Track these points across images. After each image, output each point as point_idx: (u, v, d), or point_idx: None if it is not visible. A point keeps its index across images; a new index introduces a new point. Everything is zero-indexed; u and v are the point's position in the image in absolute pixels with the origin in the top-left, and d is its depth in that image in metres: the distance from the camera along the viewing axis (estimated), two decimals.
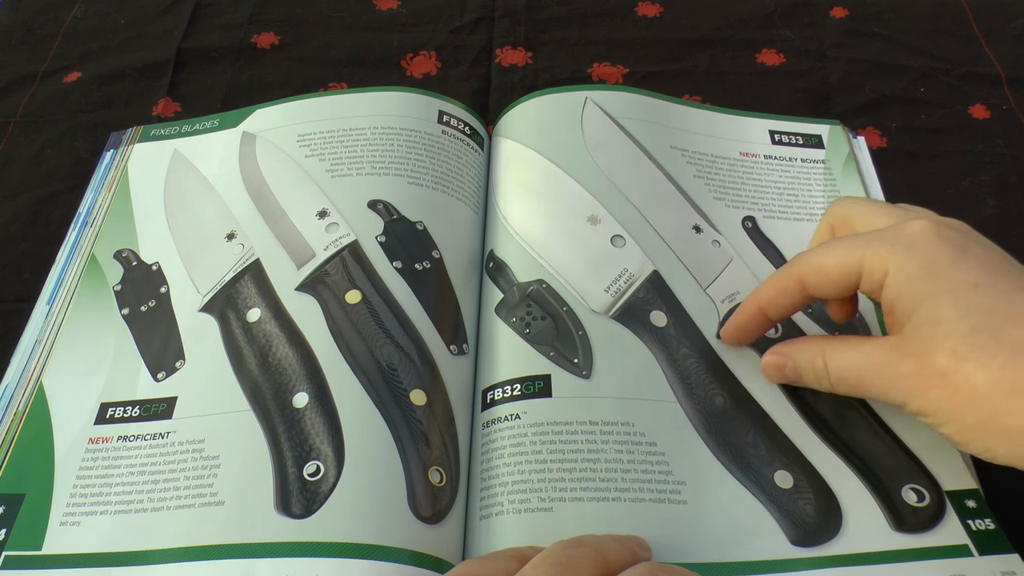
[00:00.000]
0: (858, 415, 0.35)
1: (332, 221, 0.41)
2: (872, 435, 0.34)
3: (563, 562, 0.26)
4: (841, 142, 0.46)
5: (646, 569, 0.26)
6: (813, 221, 0.42)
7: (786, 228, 0.42)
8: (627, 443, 0.33)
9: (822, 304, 0.38)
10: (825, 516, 0.32)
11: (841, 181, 0.44)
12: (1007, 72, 0.50)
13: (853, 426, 0.35)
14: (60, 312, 0.40)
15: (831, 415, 0.35)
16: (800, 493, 0.33)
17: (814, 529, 0.32)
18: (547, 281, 0.38)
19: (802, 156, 0.45)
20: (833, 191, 0.44)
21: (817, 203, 0.43)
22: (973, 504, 0.32)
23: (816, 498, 0.33)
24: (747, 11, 0.55)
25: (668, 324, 0.37)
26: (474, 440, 0.35)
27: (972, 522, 0.32)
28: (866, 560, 0.31)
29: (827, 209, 0.35)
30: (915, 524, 0.32)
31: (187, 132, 0.47)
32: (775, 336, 0.37)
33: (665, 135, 0.45)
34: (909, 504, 0.32)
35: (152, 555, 0.31)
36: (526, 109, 0.46)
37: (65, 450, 0.35)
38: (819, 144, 0.46)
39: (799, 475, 0.33)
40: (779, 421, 0.35)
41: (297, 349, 0.36)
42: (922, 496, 0.32)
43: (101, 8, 0.57)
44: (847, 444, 0.34)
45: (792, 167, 0.45)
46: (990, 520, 0.32)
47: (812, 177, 0.44)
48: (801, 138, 0.46)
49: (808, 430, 0.35)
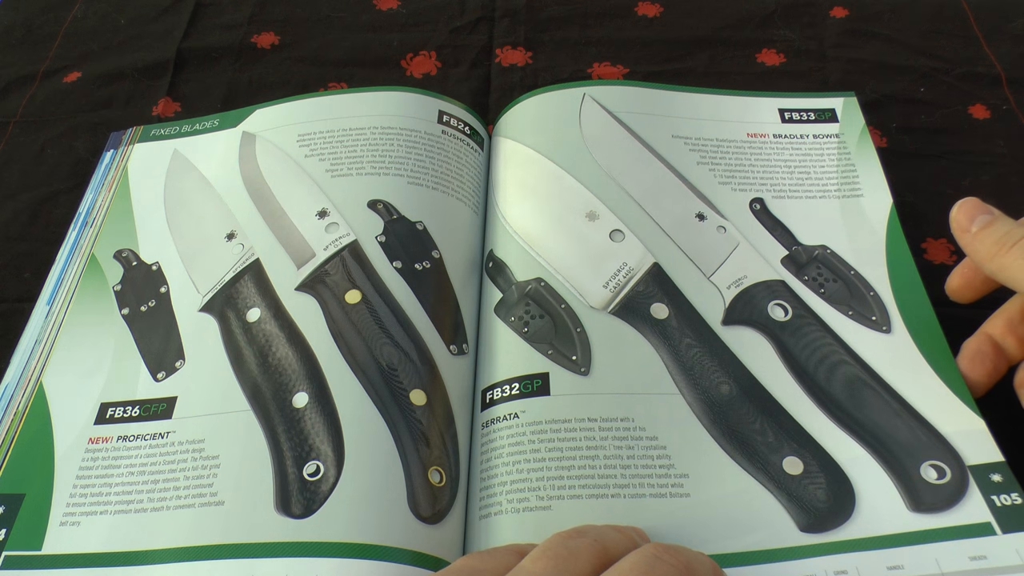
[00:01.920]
0: (873, 393, 0.34)
1: (332, 221, 0.41)
2: (889, 412, 0.34)
3: (562, 553, 0.26)
4: (856, 114, 0.45)
5: (647, 551, 0.26)
6: (826, 198, 0.42)
7: (797, 207, 0.42)
8: (627, 438, 0.33)
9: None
10: (837, 500, 0.31)
11: (856, 154, 0.43)
12: (1007, 72, 0.50)
13: (868, 404, 0.34)
14: (60, 312, 0.40)
15: (844, 395, 0.34)
16: (811, 478, 0.32)
17: (825, 514, 0.31)
18: (546, 279, 0.38)
19: (814, 132, 0.45)
20: (848, 165, 0.43)
21: (831, 179, 0.42)
22: (999, 478, 0.31)
23: (828, 482, 0.32)
24: (747, 11, 0.54)
25: (670, 316, 0.37)
26: (474, 440, 0.35)
27: (997, 498, 0.30)
28: (878, 544, 0.30)
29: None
30: (934, 503, 0.31)
31: (187, 132, 0.47)
32: (784, 319, 0.37)
33: (666, 125, 0.45)
34: (928, 482, 0.31)
35: (152, 555, 0.31)
36: (525, 108, 0.46)
37: (65, 450, 0.35)
38: (832, 118, 0.45)
39: (810, 460, 0.33)
40: (788, 406, 0.34)
41: (297, 349, 0.36)
42: (943, 473, 0.31)
43: (101, 8, 0.57)
44: (862, 424, 0.33)
45: (803, 144, 0.44)
46: (1016, 495, 0.30)
47: (825, 152, 0.44)
48: (813, 113, 0.46)
49: (819, 413, 0.34)
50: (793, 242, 0.40)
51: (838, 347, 0.36)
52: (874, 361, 0.36)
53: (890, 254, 0.39)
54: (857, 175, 0.43)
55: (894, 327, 0.37)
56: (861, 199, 0.42)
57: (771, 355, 0.36)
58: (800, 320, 0.37)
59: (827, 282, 0.39)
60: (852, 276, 0.39)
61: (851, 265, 0.39)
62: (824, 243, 0.40)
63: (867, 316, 0.37)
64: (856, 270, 0.39)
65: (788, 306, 0.38)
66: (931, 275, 0.41)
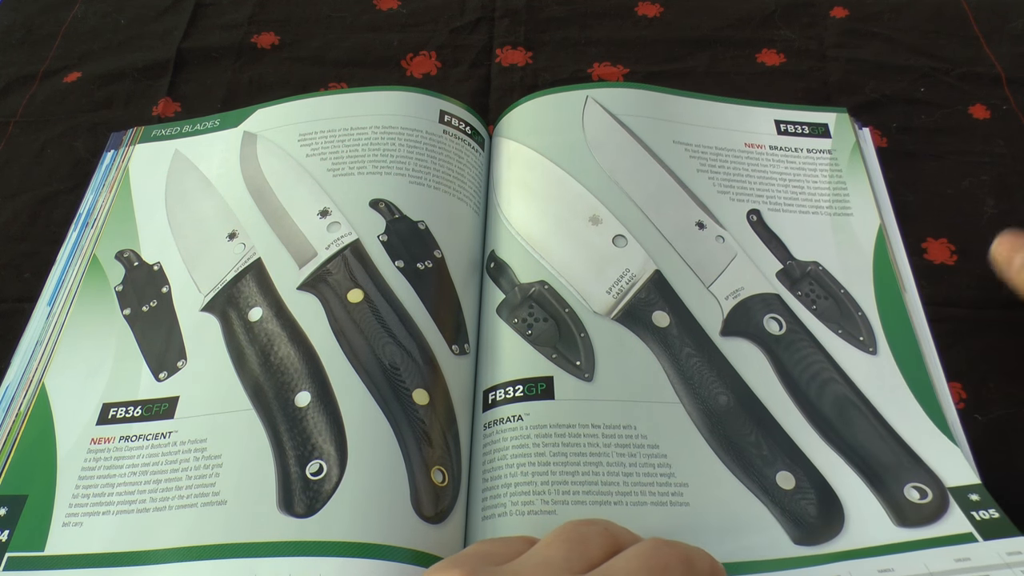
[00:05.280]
0: (860, 414, 0.35)
1: (334, 220, 0.41)
2: (873, 434, 0.34)
3: (575, 538, 0.26)
4: (847, 131, 0.46)
5: (651, 541, 0.27)
6: (818, 214, 0.42)
7: (791, 221, 0.42)
8: (629, 446, 0.33)
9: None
10: (827, 516, 0.32)
11: (847, 172, 0.44)
12: (1007, 72, 0.50)
13: (855, 425, 0.35)
14: (61, 313, 0.40)
15: (833, 414, 0.35)
16: (802, 494, 0.33)
17: (817, 529, 0.32)
18: (549, 282, 0.38)
19: (808, 146, 0.45)
20: (839, 183, 0.43)
21: (823, 195, 0.43)
22: (976, 497, 0.32)
23: (818, 498, 0.33)
24: (747, 11, 0.55)
25: (671, 324, 0.37)
26: (475, 440, 0.35)
27: (976, 513, 0.31)
28: (869, 553, 0.31)
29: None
30: (918, 520, 0.32)
31: (188, 132, 0.47)
32: (779, 333, 0.37)
33: (668, 130, 0.45)
34: (912, 501, 0.32)
35: (154, 555, 0.31)
36: (527, 109, 0.46)
37: (67, 451, 0.35)
38: (825, 133, 0.46)
39: (801, 476, 0.33)
40: (781, 420, 0.35)
41: (299, 348, 0.36)
42: (924, 494, 0.32)
43: (101, 8, 0.57)
44: (849, 443, 0.34)
45: (798, 158, 0.45)
46: (994, 510, 0.31)
47: (818, 168, 0.44)
48: (807, 127, 0.46)
49: (810, 429, 0.35)
50: (787, 256, 0.40)
51: (828, 365, 0.37)
52: (861, 381, 0.36)
53: (877, 275, 0.40)
54: (848, 193, 0.43)
55: (880, 349, 0.37)
56: (851, 218, 0.42)
57: (766, 368, 0.37)
58: (793, 335, 0.37)
59: (819, 299, 0.39)
60: (842, 295, 0.39)
61: (841, 283, 0.39)
62: (816, 259, 0.40)
63: (855, 336, 0.37)
64: (846, 289, 0.39)
65: (782, 320, 0.38)
66: (931, 275, 0.41)
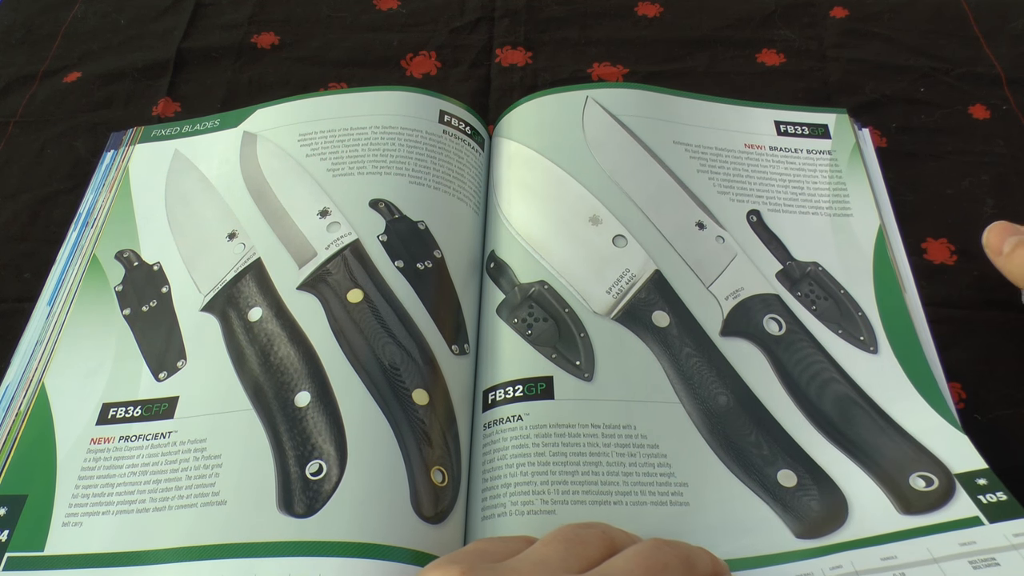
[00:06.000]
0: (862, 411, 0.35)
1: (333, 220, 0.41)
2: (876, 430, 0.34)
3: (572, 538, 0.27)
4: (847, 131, 0.46)
5: (650, 542, 0.27)
6: (818, 215, 0.42)
7: (791, 221, 0.42)
8: (628, 446, 0.33)
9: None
10: (830, 510, 0.32)
11: (847, 173, 0.44)
12: (1007, 72, 0.50)
13: (857, 422, 0.35)
14: (61, 313, 0.40)
15: (835, 413, 0.35)
16: (804, 490, 0.33)
17: (819, 523, 0.32)
18: (549, 282, 0.38)
19: (808, 147, 0.45)
20: (839, 184, 0.43)
21: (823, 196, 0.43)
22: (984, 482, 0.32)
23: (821, 494, 0.33)
24: (747, 11, 0.55)
25: (670, 324, 0.37)
26: (474, 440, 0.35)
27: (983, 497, 0.31)
28: (874, 542, 0.30)
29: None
30: (923, 507, 0.31)
31: (188, 132, 0.47)
32: (779, 333, 0.37)
33: (668, 130, 0.45)
34: (917, 490, 0.32)
35: (154, 555, 0.31)
36: (527, 109, 0.46)
37: (67, 451, 0.35)
38: (825, 134, 0.46)
39: (803, 473, 0.33)
40: (781, 419, 0.35)
41: (299, 348, 0.36)
42: (930, 482, 0.32)
43: (101, 8, 0.57)
44: (852, 440, 0.34)
45: (798, 159, 0.45)
46: (1002, 492, 0.31)
47: (818, 169, 0.44)
48: (807, 128, 0.46)
49: (811, 427, 0.35)
50: (787, 257, 0.40)
51: (828, 365, 0.37)
52: (862, 380, 0.36)
53: (877, 275, 0.40)
54: (847, 194, 0.43)
55: (880, 348, 0.37)
56: (851, 219, 0.42)
57: (766, 368, 0.37)
58: (793, 336, 0.37)
59: (819, 299, 0.39)
60: (842, 295, 0.39)
61: (841, 284, 0.39)
62: (816, 259, 0.40)
63: (855, 336, 0.37)
64: (846, 289, 0.39)
65: (782, 320, 0.38)
66: (931, 275, 0.41)
